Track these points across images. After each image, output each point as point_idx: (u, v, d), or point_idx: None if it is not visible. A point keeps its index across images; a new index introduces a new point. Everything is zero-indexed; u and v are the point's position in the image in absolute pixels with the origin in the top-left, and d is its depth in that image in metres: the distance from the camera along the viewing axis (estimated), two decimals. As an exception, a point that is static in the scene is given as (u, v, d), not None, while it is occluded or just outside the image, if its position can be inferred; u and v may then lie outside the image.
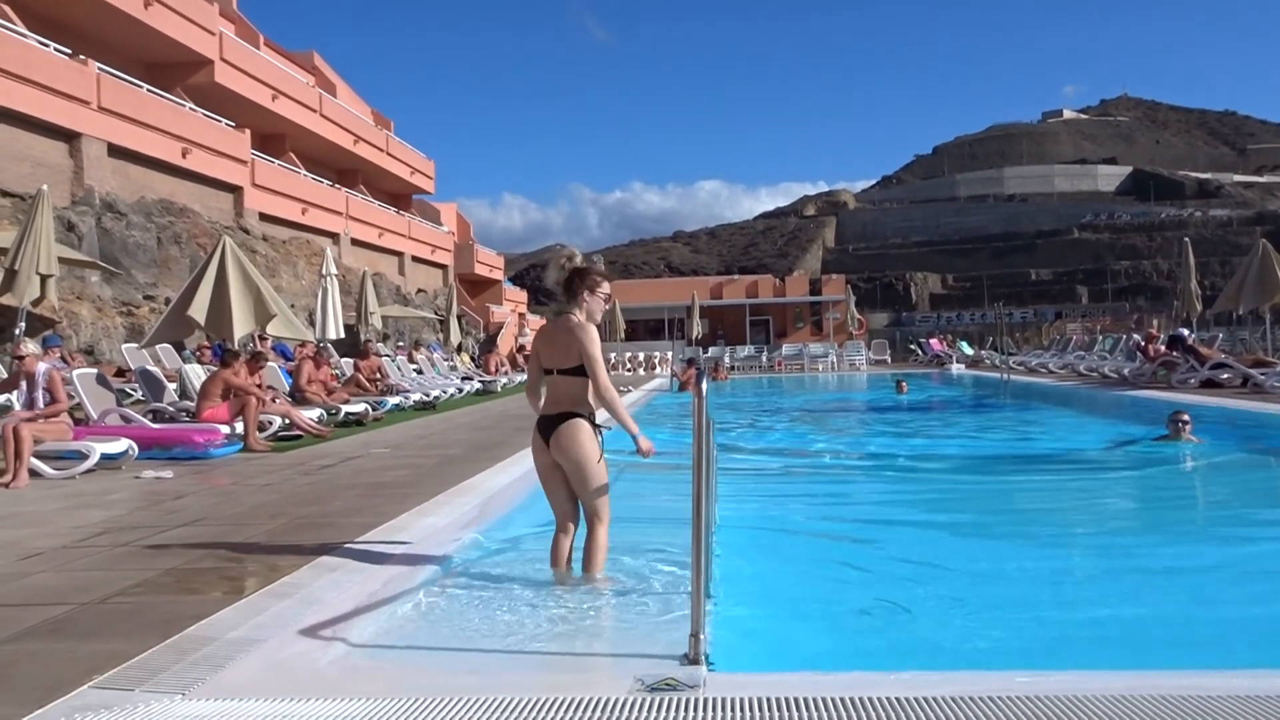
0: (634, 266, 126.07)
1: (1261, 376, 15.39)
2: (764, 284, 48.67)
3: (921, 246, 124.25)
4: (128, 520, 6.43)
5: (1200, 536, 6.85)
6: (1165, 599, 4.98)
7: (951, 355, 35.28)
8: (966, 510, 7.76)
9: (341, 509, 6.65)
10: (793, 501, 8.41)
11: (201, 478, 8.58)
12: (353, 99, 42.92)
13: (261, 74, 31.90)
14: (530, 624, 4.23)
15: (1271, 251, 18.50)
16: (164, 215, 24.57)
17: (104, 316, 20.14)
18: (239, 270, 12.60)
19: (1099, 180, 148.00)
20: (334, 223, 35.61)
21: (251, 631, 3.77)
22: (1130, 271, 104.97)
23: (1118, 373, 19.81)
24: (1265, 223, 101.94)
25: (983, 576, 5.38)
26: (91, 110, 22.40)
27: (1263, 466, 9.74)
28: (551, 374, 4.87)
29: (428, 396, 17.51)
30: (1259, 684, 3.02)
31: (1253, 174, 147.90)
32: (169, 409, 11.58)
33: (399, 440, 11.66)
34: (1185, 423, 9.67)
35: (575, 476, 4.79)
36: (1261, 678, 3.14)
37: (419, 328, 37.23)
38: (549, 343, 4.91)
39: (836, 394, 24.87)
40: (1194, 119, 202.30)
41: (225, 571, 4.86)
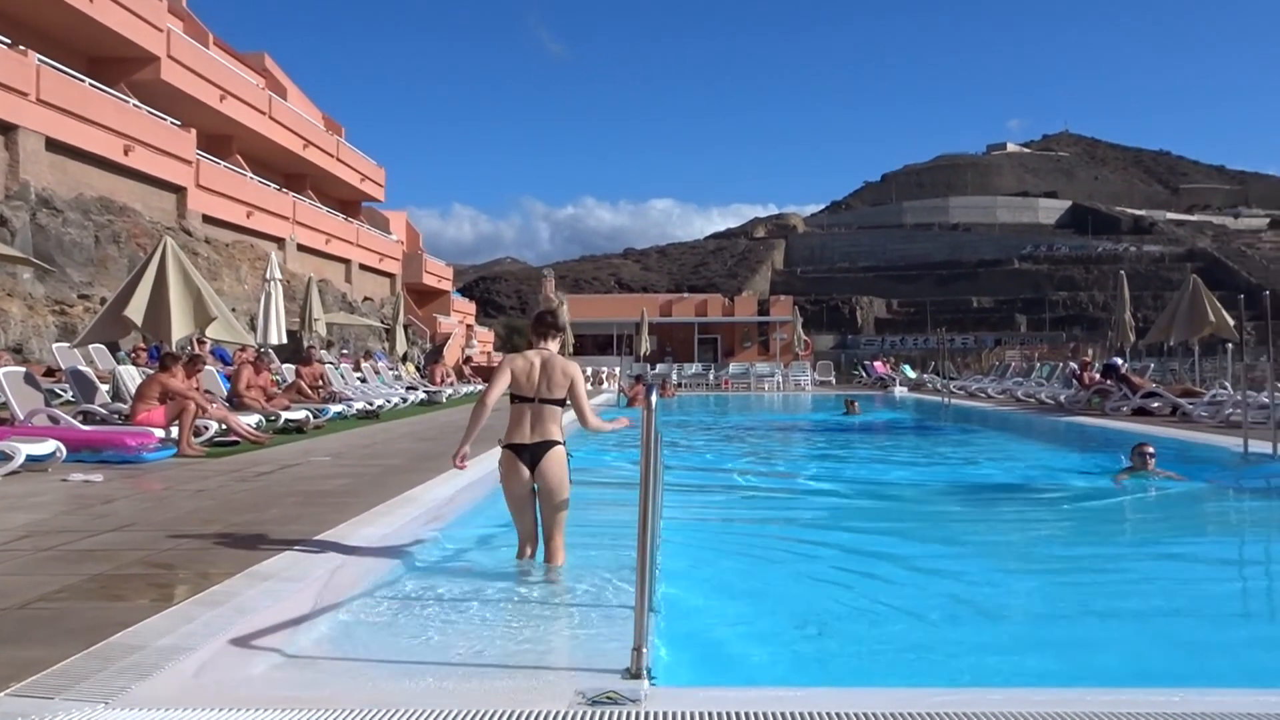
0: (584, 282, 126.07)
1: (1190, 406, 15.84)
2: (713, 303, 48.98)
3: (868, 271, 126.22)
4: (53, 524, 6.21)
5: (1172, 567, 6.69)
6: (1129, 629, 4.97)
7: (894, 378, 35.77)
8: (920, 538, 7.55)
9: (278, 517, 6.50)
10: (739, 519, 8.44)
11: (132, 482, 8.33)
12: (303, 103, 42.39)
13: (209, 73, 31.37)
14: (470, 636, 4.17)
15: (1202, 287, 19.08)
16: (103, 213, 23.97)
17: (35, 315, 19.56)
18: (179, 271, 12.31)
19: (1040, 213, 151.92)
20: (280, 227, 35.07)
21: (180, 640, 3.66)
22: (1068, 302, 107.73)
23: (1054, 399, 20.24)
24: (1196, 259, 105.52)
25: (936, 598, 5.40)
26: (30, 102, 21.82)
27: (1225, 497, 9.66)
28: (531, 402, 5.20)
29: (371, 405, 17.27)
30: (1234, 701, 3.08)
31: (1185, 212, 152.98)
32: (100, 411, 11.25)
33: (340, 449, 11.47)
34: (1150, 455, 9.56)
35: (552, 497, 5.20)
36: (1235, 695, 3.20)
37: (364, 336, 36.75)
38: (534, 374, 5.23)
39: (785, 414, 25.02)
40: (1131, 157, 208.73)
41: (154, 578, 4.72)
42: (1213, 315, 18.67)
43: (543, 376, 5.22)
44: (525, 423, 5.22)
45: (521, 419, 5.24)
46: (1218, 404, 15.32)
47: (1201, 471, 10.04)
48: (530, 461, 5.19)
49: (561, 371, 5.22)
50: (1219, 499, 9.54)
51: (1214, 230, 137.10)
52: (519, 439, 5.22)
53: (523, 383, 5.25)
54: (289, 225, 35.86)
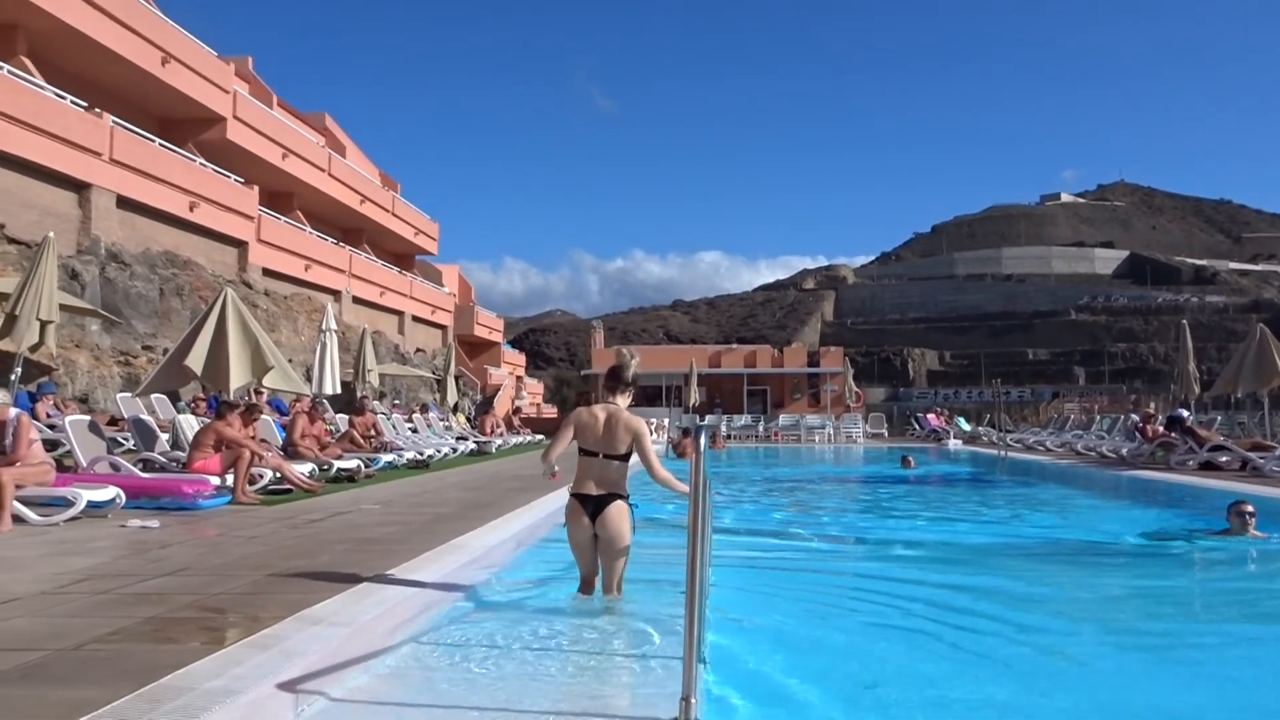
0: (633, 334, 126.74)
1: (1260, 460, 15.31)
2: (762, 354, 48.77)
3: (919, 323, 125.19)
4: (110, 568, 6.31)
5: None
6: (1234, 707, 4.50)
7: (949, 431, 35.18)
8: (996, 600, 6.79)
9: (328, 563, 6.53)
10: (795, 570, 8.23)
11: (188, 528, 8.45)
12: (361, 160, 43.56)
13: (273, 132, 32.42)
14: (517, 683, 4.11)
15: (1270, 337, 18.57)
16: (168, 267, 24.71)
17: (101, 365, 20.11)
18: (239, 322, 12.60)
19: (1096, 263, 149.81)
20: (336, 280, 35.85)
21: (229, 682, 3.66)
22: (1127, 354, 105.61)
23: (1115, 452, 19.73)
24: (1261, 310, 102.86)
25: (1010, 670, 4.98)
26: (103, 162, 22.70)
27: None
28: (596, 456, 5.47)
29: (421, 455, 17.40)
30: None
31: (1248, 262, 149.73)
32: (159, 459, 11.47)
33: (390, 497, 11.53)
34: (1250, 515, 8.67)
35: (612, 545, 5.47)
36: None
37: (416, 386, 37.20)
38: (598, 428, 5.49)
39: (840, 467, 24.65)
40: (1190, 206, 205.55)
41: (205, 622, 4.75)
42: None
43: (607, 431, 5.48)
44: (591, 475, 5.49)
45: (587, 471, 5.51)
46: (1289, 458, 14.80)
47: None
48: (593, 512, 5.45)
49: (624, 427, 5.46)
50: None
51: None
52: (584, 490, 5.50)
53: (588, 436, 5.52)
54: (345, 278, 36.65)
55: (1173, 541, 9.34)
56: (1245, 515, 8.59)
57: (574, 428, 5.59)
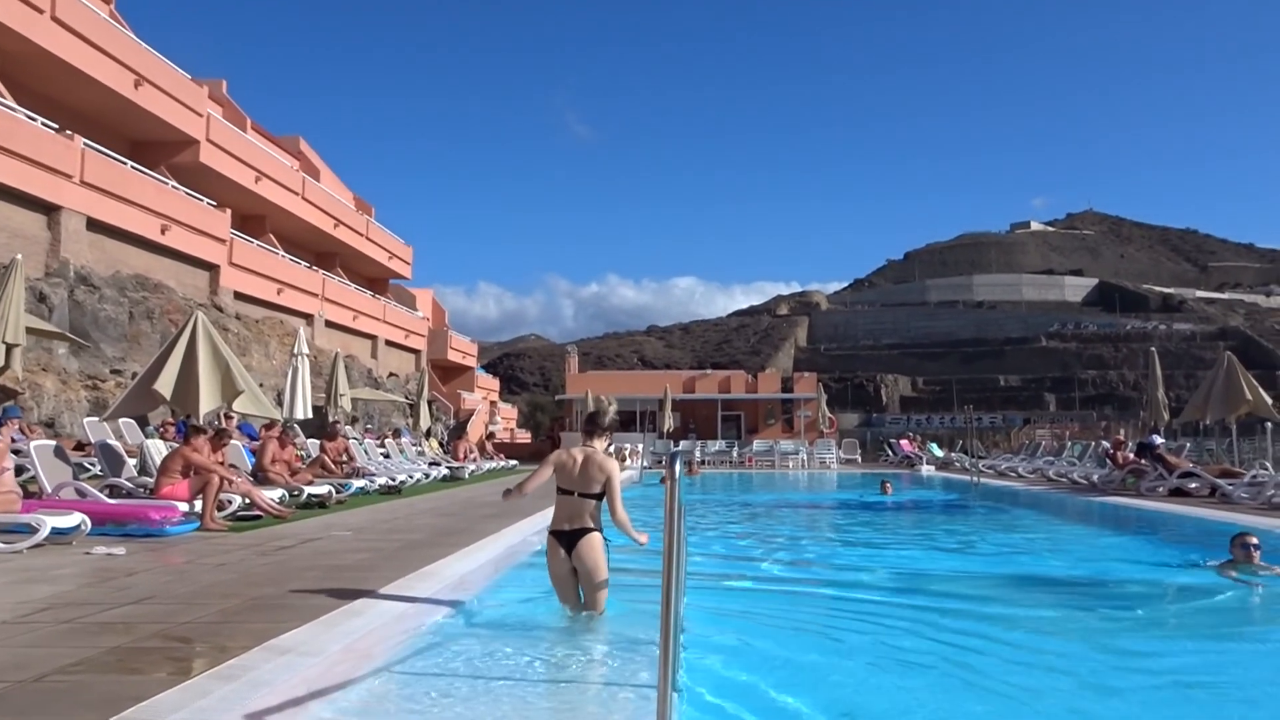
0: (608, 359, 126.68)
1: (1229, 487, 15.48)
2: (736, 380, 48.89)
3: (892, 349, 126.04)
4: (74, 596, 6.18)
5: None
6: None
7: (921, 456, 35.34)
8: (980, 632, 6.50)
9: (297, 591, 6.44)
10: (772, 597, 8.17)
11: (155, 555, 8.30)
12: (335, 183, 43.46)
13: (246, 156, 32.31)
14: (489, 714, 4.06)
15: (1237, 365, 18.85)
16: (138, 290, 24.47)
17: (68, 389, 19.83)
18: (209, 346, 12.47)
19: (1065, 290, 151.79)
20: (309, 304, 35.64)
21: (194, 714, 3.59)
22: (1097, 380, 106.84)
23: (1086, 479, 19.88)
24: (1228, 338, 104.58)
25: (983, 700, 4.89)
26: (73, 184, 22.50)
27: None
28: (571, 495, 5.82)
29: (393, 481, 17.24)
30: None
31: (1214, 290, 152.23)
32: (126, 484, 11.29)
33: (361, 523, 11.41)
34: (1255, 547, 8.29)
35: (590, 579, 5.79)
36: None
37: (389, 411, 36.94)
38: (575, 469, 5.85)
39: (816, 493, 24.61)
40: (1157, 235, 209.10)
41: (171, 651, 4.66)
42: (1249, 394, 18.40)
43: (583, 472, 5.82)
44: (566, 512, 5.83)
45: (563, 509, 5.86)
46: (1258, 485, 14.97)
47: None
48: (568, 546, 5.78)
49: (598, 468, 5.81)
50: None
51: (1245, 309, 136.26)
52: (559, 526, 5.85)
53: (566, 477, 5.88)
54: (318, 302, 36.45)
55: (1182, 572, 8.98)
56: (1250, 547, 8.30)
57: (554, 467, 5.97)
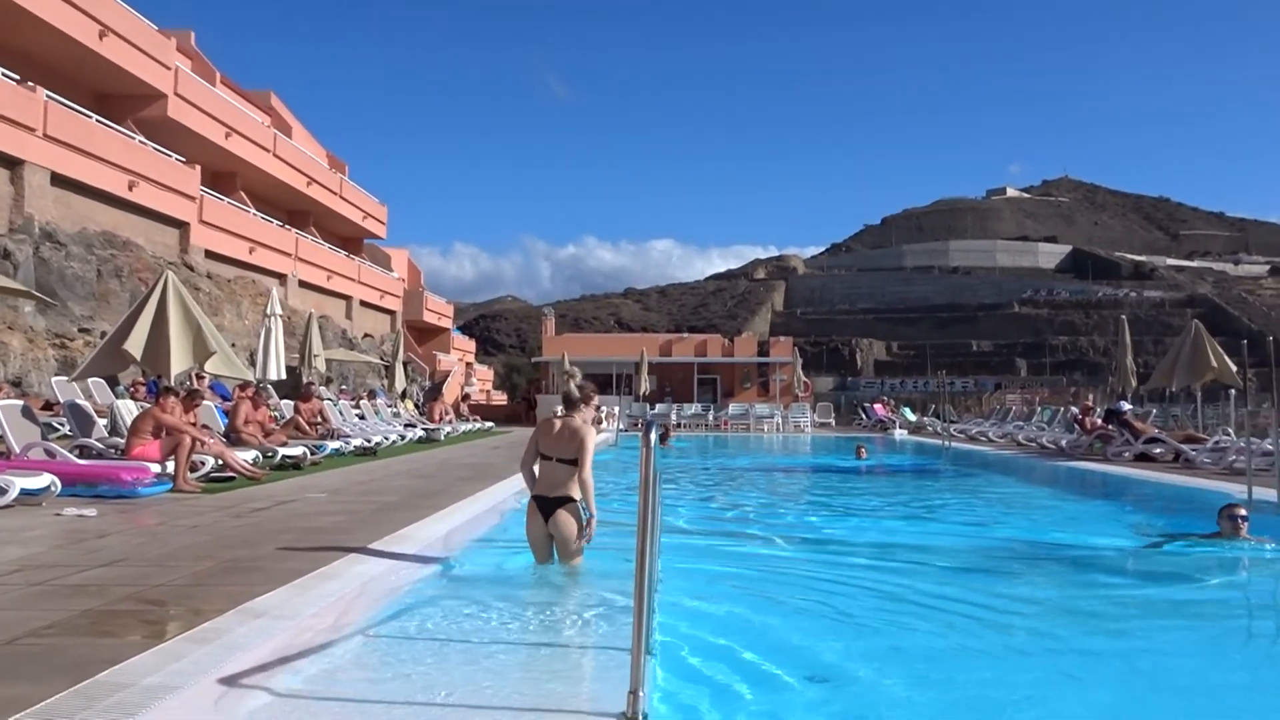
0: (584, 321, 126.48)
1: (1193, 452, 15.77)
2: (713, 343, 48.96)
3: (867, 314, 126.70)
4: (45, 558, 6.14)
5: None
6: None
7: (894, 420, 35.70)
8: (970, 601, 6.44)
9: (271, 554, 6.43)
10: (747, 562, 8.21)
11: (126, 517, 8.26)
12: (308, 140, 42.79)
13: (216, 111, 31.69)
14: (464, 677, 4.09)
15: (1204, 333, 19.09)
16: (106, 248, 24.07)
17: (35, 348, 19.56)
18: (180, 306, 12.31)
19: (1039, 257, 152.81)
20: (282, 263, 35.22)
21: (168, 678, 3.59)
22: (1068, 346, 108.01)
23: (1055, 443, 20.16)
24: (1197, 305, 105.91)
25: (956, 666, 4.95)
26: (36, 137, 22.01)
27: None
28: (550, 460, 6.12)
29: (368, 442, 17.19)
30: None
31: (1185, 258, 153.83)
32: (97, 445, 11.18)
33: (336, 485, 11.39)
34: (1243, 519, 8.19)
35: (564, 546, 6.16)
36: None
37: (364, 372, 36.74)
38: (554, 435, 6.16)
39: (792, 457, 24.77)
40: (1130, 203, 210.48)
41: (144, 615, 4.65)
42: (1215, 361, 18.66)
43: (559, 436, 6.15)
44: (546, 478, 6.17)
45: (545, 475, 6.19)
46: (1221, 450, 15.25)
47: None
48: (547, 513, 6.13)
49: (570, 432, 6.13)
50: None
51: (1214, 276, 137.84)
52: (540, 492, 6.18)
53: (547, 442, 6.20)
54: (291, 261, 36.02)
55: (1161, 545, 8.84)
56: (1238, 519, 8.19)
57: (537, 431, 6.31)
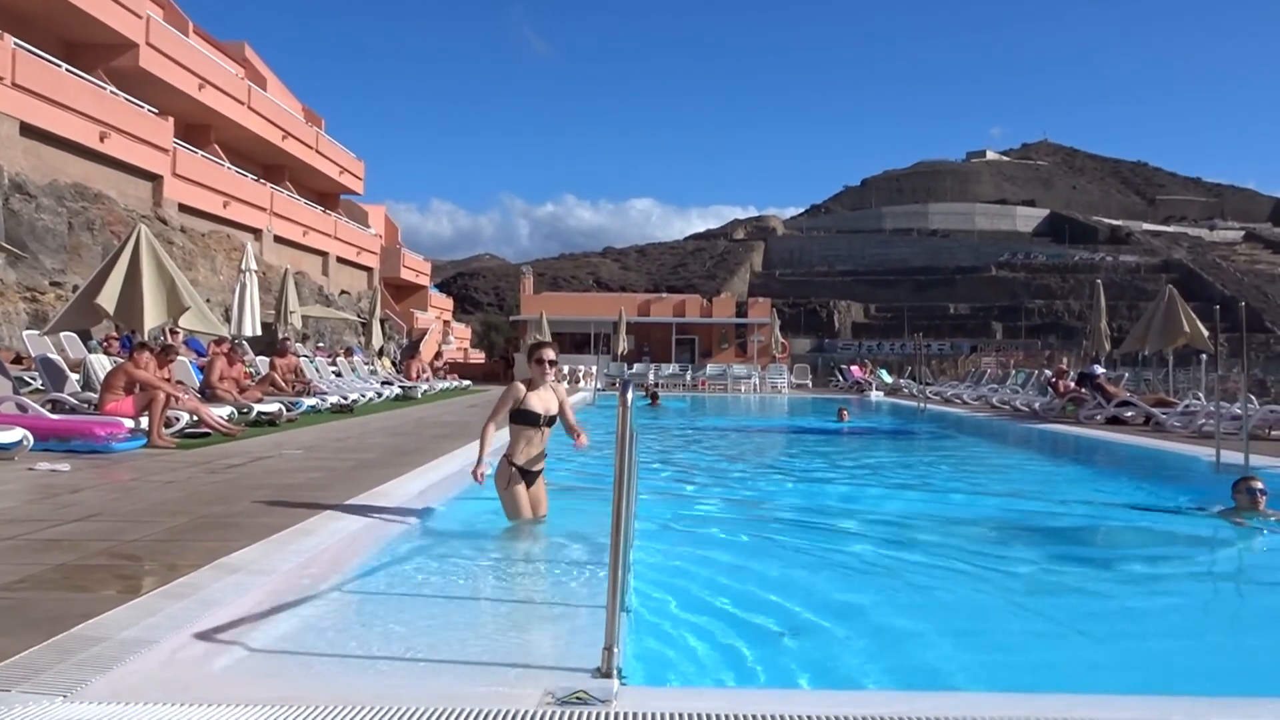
0: (563, 280, 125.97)
1: (1163, 416, 15.99)
2: (691, 304, 48.99)
3: (846, 275, 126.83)
4: (18, 513, 6.10)
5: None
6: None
7: (871, 383, 35.93)
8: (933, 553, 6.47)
9: (247, 510, 6.42)
10: (721, 520, 8.30)
11: (100, 472, 8.21)
12: (283, 94, 42.09)
13: (188, 61, 31.08)
14: (438, 633, 4.12)
15: (1178, 298, 19.30)
16: (77, 200, 23.68)
17: (6, 301, 19.28)
18: (153, 260, 12.15)
19: (1018, 220, 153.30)
20: (257, 218, 34.79)
21: (144, 632, 3.59)
22: (1044, 310, 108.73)
23: (1028, 406, 20.39)
24: (1171, 270, 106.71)
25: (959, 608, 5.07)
26: (4, 86, 21.52)
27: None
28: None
29: (345, 399, 17.13)
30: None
31: (1161, 223, 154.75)
32: (70, 400, 11.09)
33: (313, 442, 11.36)
34: (1261, 492, 7.55)
35: (539, 508, 6.52)
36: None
37: (341, 329, 36.51)
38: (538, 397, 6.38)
39: (774, 418, 24.86)
40: (1109, 167, 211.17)
41: (119, 569, 4.64)
42: (1187, 326, 18.89)
43: (545, 398, 6.44)
44: (537, 450, 6.43)
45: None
46: (1191, 414, 15.47)
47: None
48: (529, 481, 6.44)
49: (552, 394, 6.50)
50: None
51: (1189, 242, 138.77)
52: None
53: (538, 402, 6.41)
54: (266, 216, 35.59)
55: (1184, 517, 8.29)
56: (1255, 492, 7.58)
57: (512, 400, 6.35)
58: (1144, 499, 9.45)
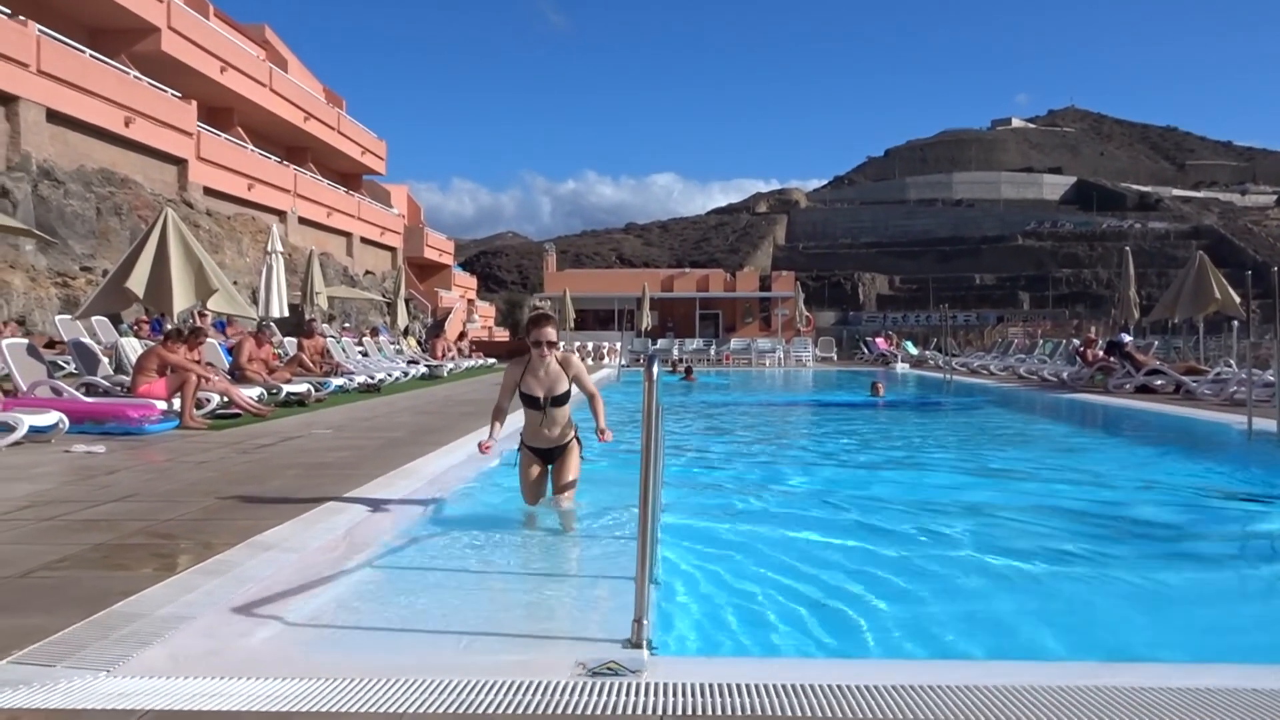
0: (585, 257, 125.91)
1: (1194, 384, 15.81)
2: (714, 278, 48.85)
3: (870, 247, 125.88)
4: (55, 494, 6.22)
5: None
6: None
7: (896, 355, 35.74)
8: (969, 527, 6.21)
9: (279, 488, 6.51)
10: (745, 493, 8.26)
11: (135, 453, 8.34)
12: (304, 75, 42.16)
13: (210, 44, 31.18)
14: (470, 606, 4.17)
15: (1208, 264, 19.02)
16: (104, 185, 23.90)
17: (38, 287, 19.54)
18: (180, 243, 12.27)
19: (1044, 189, 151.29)
20: (281, 200, 34.97)
21: (181, 609, 3.66)
22: (1071, 279, 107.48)
23: (1056, 376, 20.21)
24: (1201, 236, 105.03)
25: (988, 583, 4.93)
26: (30, 73, 21.70)
27: None
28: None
29: (372, 379, 17.27)
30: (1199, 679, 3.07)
31: (1191, 189, 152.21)
32: (103, 383, 11.25)
33: (341, 421, 11.47)
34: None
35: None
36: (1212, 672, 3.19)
37: (366, 309, 36.73)
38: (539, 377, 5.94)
39: (805, 394, 24.59)
40: (1137, 133, 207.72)
41: (156, 548, 4.73)
42: (1218, 292, 18.62)
43: (548, 377, 5.95)
44: (547, 430, 6.02)
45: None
46: (1222, 382, 15.29)
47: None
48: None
49: (563, 366, 6.00)
50: None
51: (1220, 207, 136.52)
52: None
53: (536, 383, 6.01)
54: (290, 198, 35.77)
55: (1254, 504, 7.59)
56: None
57: (514, 380, 5.99)
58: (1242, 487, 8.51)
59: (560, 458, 6.05)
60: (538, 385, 5.90)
